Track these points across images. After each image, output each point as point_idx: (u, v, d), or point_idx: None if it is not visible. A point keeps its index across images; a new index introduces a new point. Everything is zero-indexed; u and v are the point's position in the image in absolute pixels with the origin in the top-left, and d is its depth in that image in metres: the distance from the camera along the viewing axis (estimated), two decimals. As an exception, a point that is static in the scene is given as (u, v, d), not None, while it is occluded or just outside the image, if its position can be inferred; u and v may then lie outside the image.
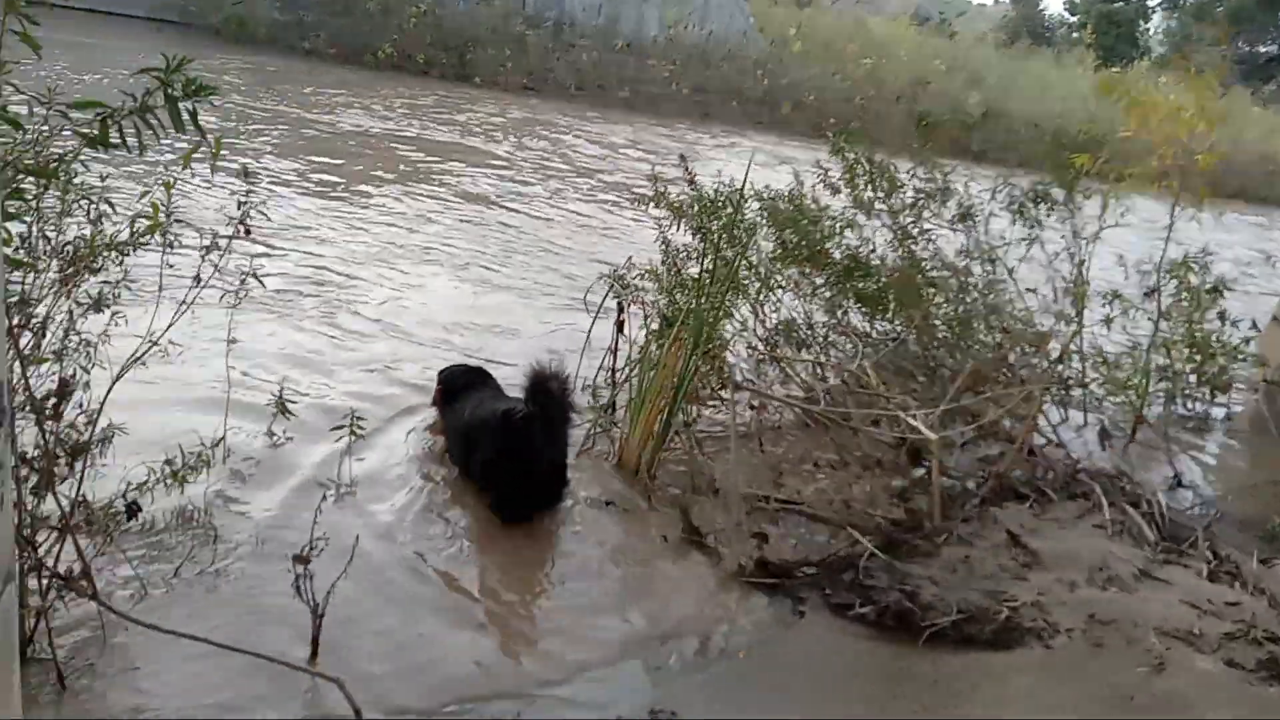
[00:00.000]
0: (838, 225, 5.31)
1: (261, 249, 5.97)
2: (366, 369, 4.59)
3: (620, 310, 4.68)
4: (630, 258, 4.96)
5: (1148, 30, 38.49)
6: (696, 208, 4.96)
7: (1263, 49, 36.47)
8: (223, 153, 2.58)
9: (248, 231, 3.02)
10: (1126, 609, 2.86)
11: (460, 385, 4.02)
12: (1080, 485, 3.89)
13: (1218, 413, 5.73)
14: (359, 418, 3.59)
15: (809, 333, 5.11)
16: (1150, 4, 38.47)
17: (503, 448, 3.52)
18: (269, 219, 3.36)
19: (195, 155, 2.53)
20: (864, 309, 5.30)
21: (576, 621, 3.04)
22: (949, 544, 3.42)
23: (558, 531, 3.55)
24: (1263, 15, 34.49)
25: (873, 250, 5.30)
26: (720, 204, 4.95)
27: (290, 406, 3.69)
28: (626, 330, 4.66)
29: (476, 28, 17.86)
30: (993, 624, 2.87)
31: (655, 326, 4.45)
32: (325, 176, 8.47)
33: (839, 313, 5.32)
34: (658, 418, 3.96)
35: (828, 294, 5.29)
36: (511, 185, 9.55)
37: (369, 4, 16.96)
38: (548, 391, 3.50)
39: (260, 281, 3.77)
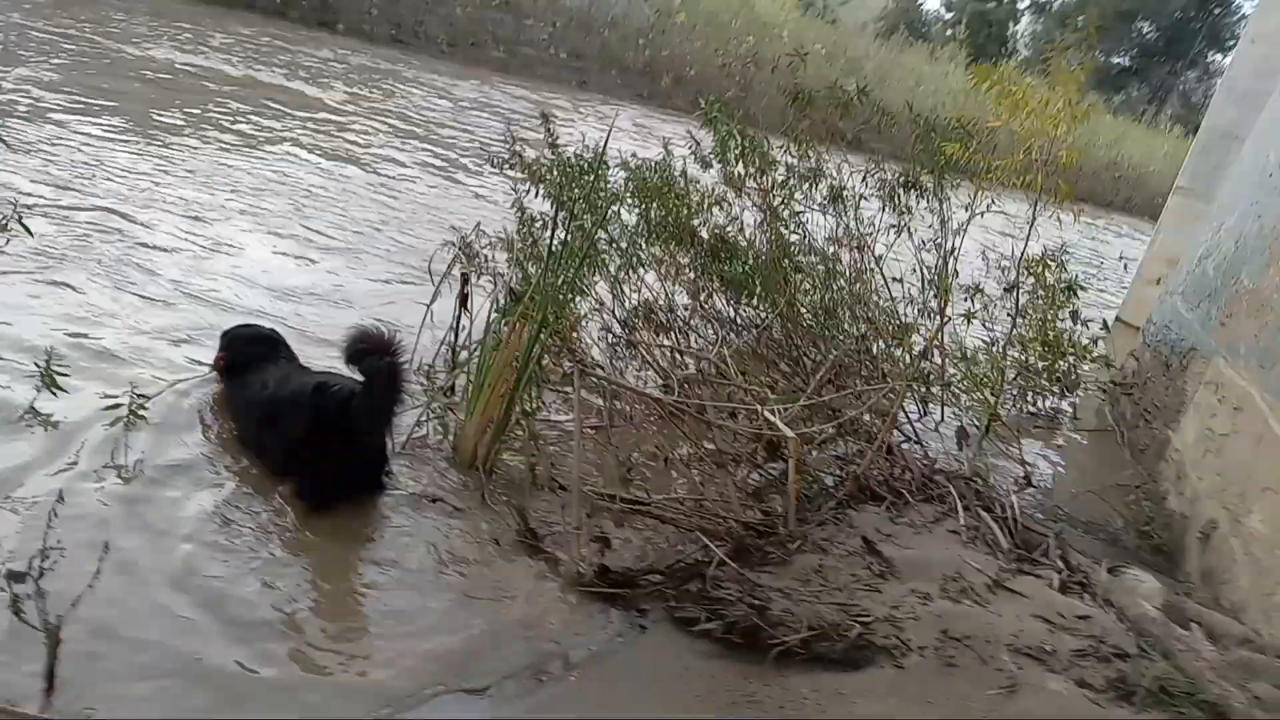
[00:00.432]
0: (706, 202, 5.06)
1: (33, 191, 5.24)
2: (160, 338, 3.99)
3: (465, 282, 4.26)
4: (479, 224, 4.55)
5: (1016, 32, 40.30)
6: (555, 172, 4.59)
7: (1115, 60, 38.81)
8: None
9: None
10: (980, 624, 2.71)
11: (251, 353, 3.55)
12: (937, 487, 3.76)
13: (1066, 409, 5.81)
14: (141, 395, 3.10)
15: (670, 316, 4.83)
16: (1020, 7, 40.28)
17: (314, 427, 3.09)
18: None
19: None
20: (729, 293, 5.08)
21: (388, 643, 2.65)
22: (803, 550, 3.20)
23: (373, 533, 3.13)
24: (1119, 27, 36.64)
25: (740, 231, 5.08)
26: (580, 169, 4.60)
27: (61, 381, 3.12)
28: (471, 305, 4.26)
29: (343, -32, 16.74)
30: (844, 641, 2.66)
31: (503, 301, 4.06)
32: (120, 114, 7.52)
33: (702, 296, 5.08)
34: (498, 404, 3.59)
35: (691, 275, 5.04)
36: (350, 140, 8.83)
37: (223, -67, 15.59)
38: (373, 362, 3.04)
39: (25, 228, 3.23)
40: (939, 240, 5.01)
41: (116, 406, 3.05)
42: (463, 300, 4.24)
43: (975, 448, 4.67)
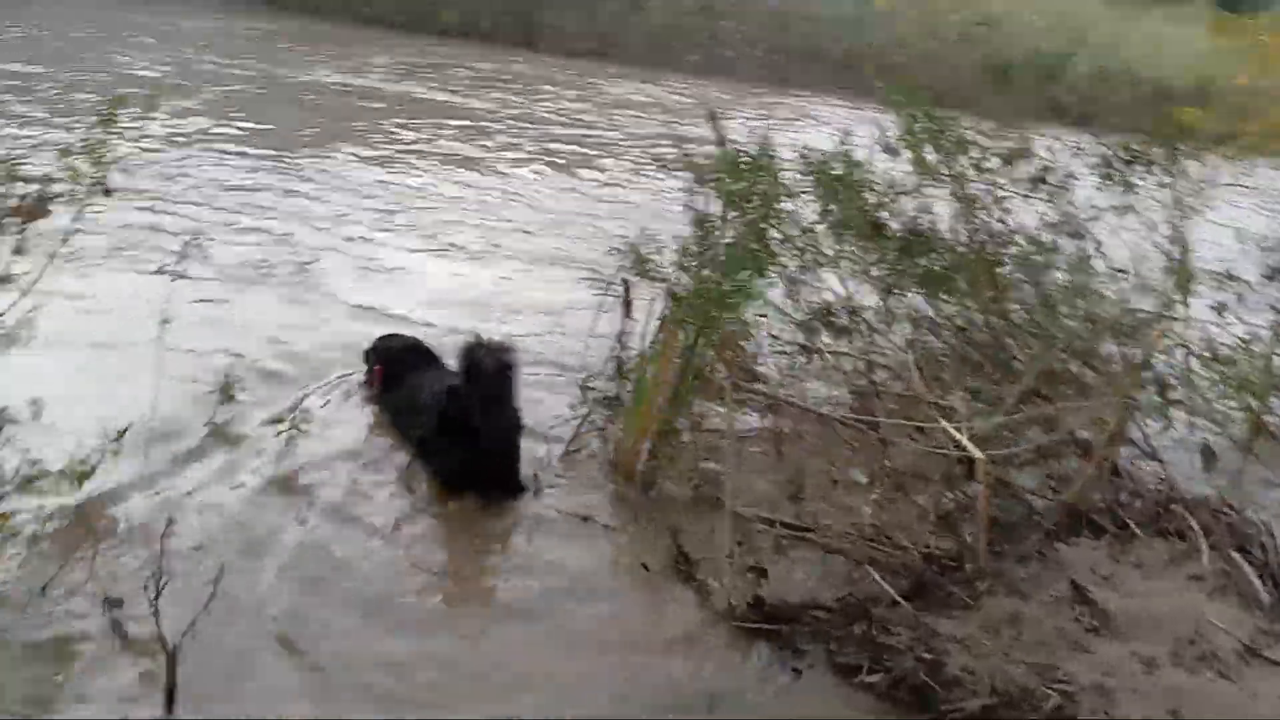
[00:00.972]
0: (893, 192, 4.59)
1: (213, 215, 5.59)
2: (332, 351, 4.08)
3: (627, 289, 4.06)
4: (644, 228, 4.34)
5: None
6: (722, 170, 4.30)
7: None
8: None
9: (107, 192, 2.53)
10: (1225, 704, 2.14)
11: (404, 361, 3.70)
12: (1174, 519, 3.12)
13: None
14: (303, 411, 3.14)
15: (853, 319, 4.39)
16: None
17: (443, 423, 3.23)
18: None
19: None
20: (925, 290, 4.56)
21: (510, 670, 2.47)
22: (995, 593, 2.72)
23: (517, 553, 2.99)
24: None
25: (934, 221, 4.56)
26: (748, 164, 4.29)
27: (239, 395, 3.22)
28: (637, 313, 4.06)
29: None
30: (1037, 713, 2.18)
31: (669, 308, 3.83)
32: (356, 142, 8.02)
33: (893, 295, 4.60)
34: (657, 415, 3.36)
35: (882, 272, 4.57)
36: (542, 151, 8.94)
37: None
38: (474, 354, 3.20)
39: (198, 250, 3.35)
40: (1174, 221, 4.24)
41: (279, 421, 3.13)
42: (626, 307, 4.06)
43: (1232, 472, 3.90)
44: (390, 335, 3.95)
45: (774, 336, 4.21)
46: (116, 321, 3.93)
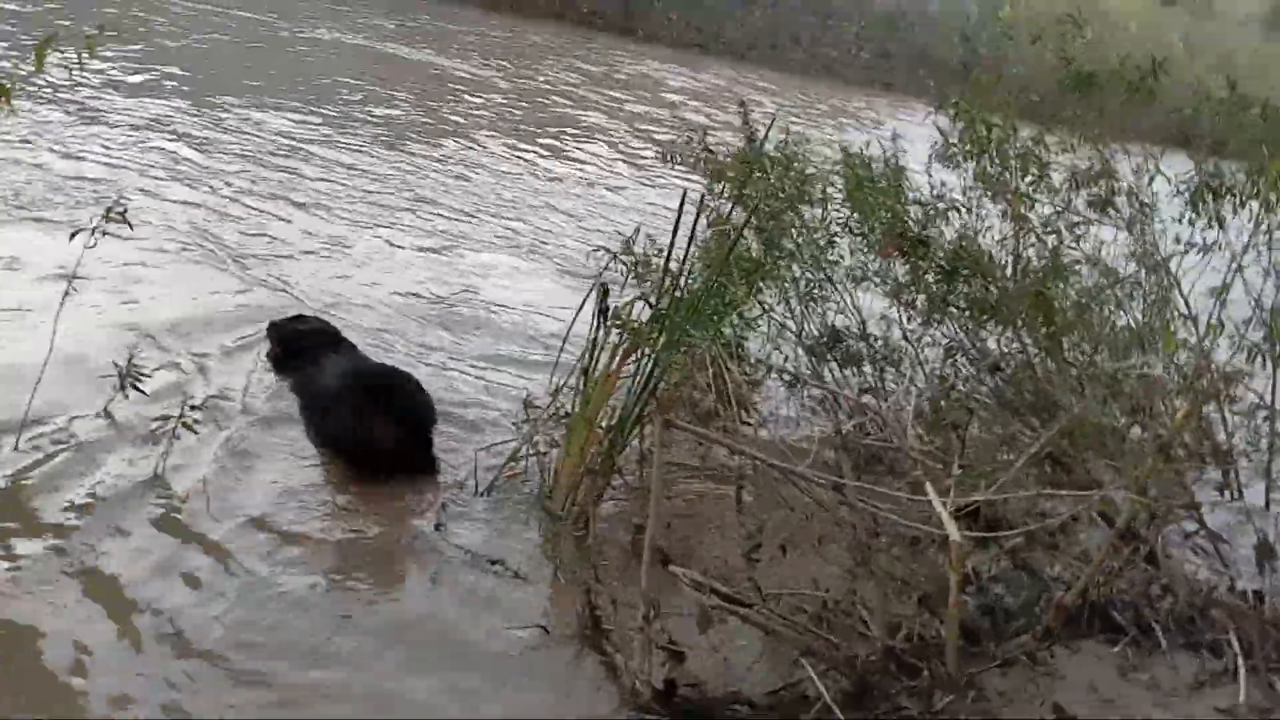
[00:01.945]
0: (940, 205, 4.00)
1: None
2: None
3: (604, 294, 3.62)
4: (639, 227, 3.89)
5: None
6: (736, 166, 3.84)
7: None
8: None
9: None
10: None
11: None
12: (1211, 627, 2.50)
13: None
14: (193, 406, 2.82)
15: (870, 346, 3.83)
16: None
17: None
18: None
19: None
20: (971, 316, 3.97)
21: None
22: (956, 709, 2.17)
23: (404, 596, 2.58)
24: None
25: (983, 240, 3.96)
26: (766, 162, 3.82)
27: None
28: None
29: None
30: None
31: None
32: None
33: (933, 321, 4.01)
34: (597, 444, 2.91)
35: (920, 294, 3.99)
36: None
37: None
38: None
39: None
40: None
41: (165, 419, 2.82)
42: (602, 315, 3.61)
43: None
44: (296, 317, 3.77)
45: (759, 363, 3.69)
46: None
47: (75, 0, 9.16)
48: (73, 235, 3.07)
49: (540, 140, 8.07)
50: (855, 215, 3.94)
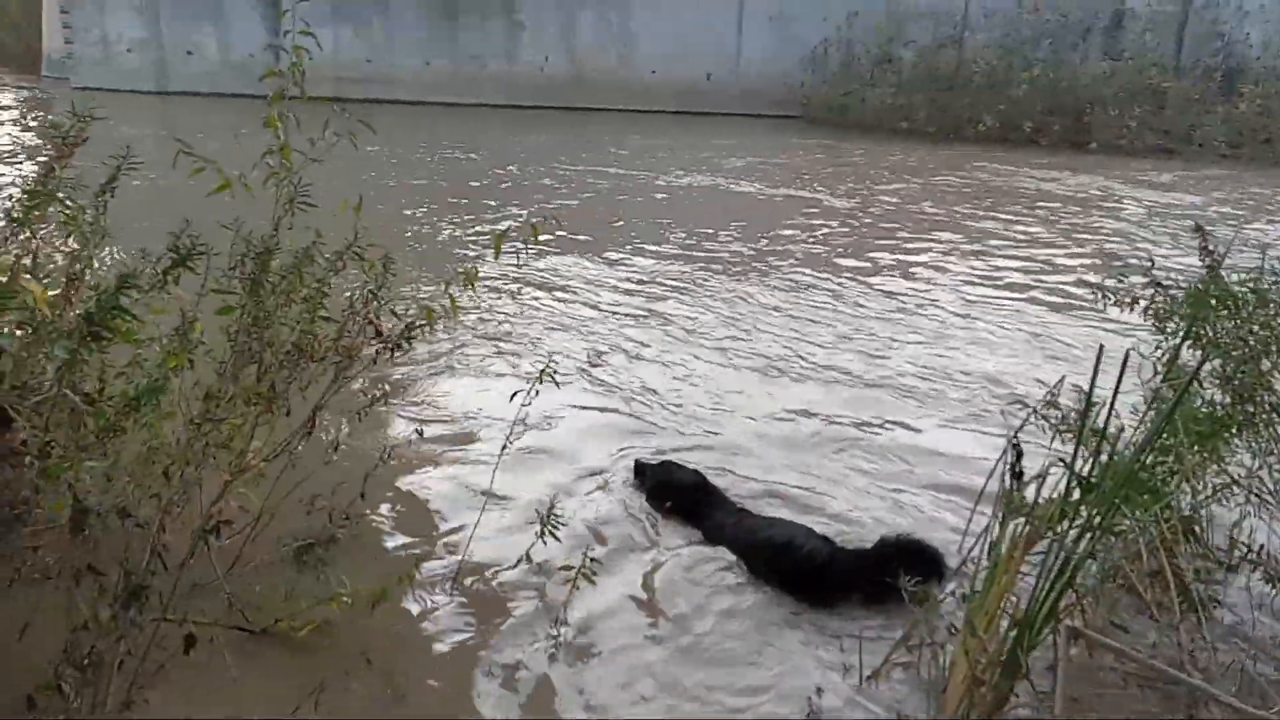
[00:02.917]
0: None
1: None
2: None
3: (1018, 455, 3.15)
4: (1064, 377, 3.38)
5: None
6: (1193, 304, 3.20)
7: None
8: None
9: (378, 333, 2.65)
10: None
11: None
12: None
13: None
14: (593, 561, 2.96)
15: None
16: None
17: None
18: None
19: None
20: None
21: None
22: None
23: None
24: None
25: None
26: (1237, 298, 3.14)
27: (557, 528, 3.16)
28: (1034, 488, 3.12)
29: (1100, 87, 15.63)
30: None
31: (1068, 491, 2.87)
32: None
33: None
34: (997, 646, 2.48)
35: None
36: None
37: (974, 79, 16.06)
38: None
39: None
40: None
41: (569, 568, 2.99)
42: (1014, 477, 3.15)
43: None
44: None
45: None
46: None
47: (468, 172, 11.00)
48: (513, 396, 3.50)
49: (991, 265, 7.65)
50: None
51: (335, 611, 2.66)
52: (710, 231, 8.78)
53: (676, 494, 3.67)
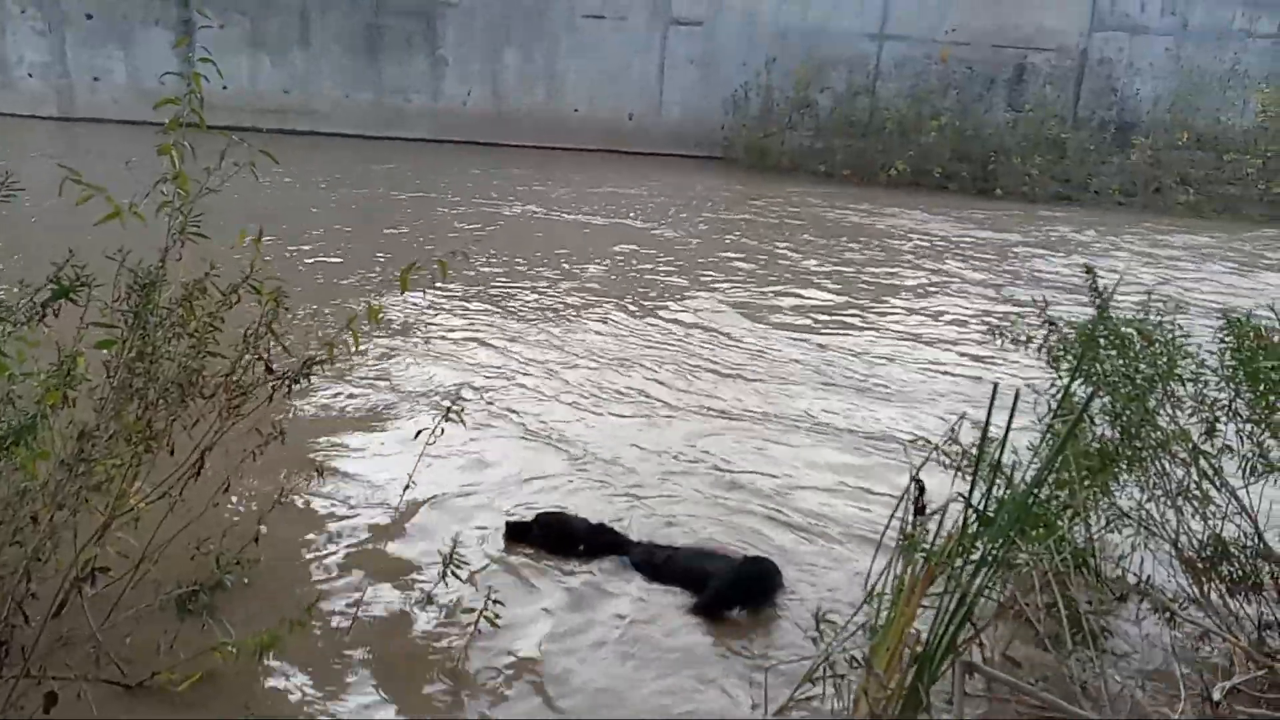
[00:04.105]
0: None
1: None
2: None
3: (920, 491, 3.21)
4: (963, 415, 3.46)
5: None
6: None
7: None
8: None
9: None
10: None
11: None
12: None
13: None
14: (496, 603, 2.89)
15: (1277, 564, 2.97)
16: None
17: None
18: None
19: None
20: None
21: None
22: None
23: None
24: None
25: None
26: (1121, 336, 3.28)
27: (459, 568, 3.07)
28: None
29: (1004, 136, 16.34)
30: None
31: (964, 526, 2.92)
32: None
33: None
34: (896, 677, 2.49)
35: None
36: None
37: (887, 125, 16.61)
38: None
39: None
40: None
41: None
42: (918, 512, 3.21)
43: None
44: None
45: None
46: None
47: (381, 205, 10.91)
48: (416, 434, 3.44)
49: (854, 308, 7.84)
50: (1246, 394, 3.21)
51: (219, 662, 2.53)
52: (606, 264, 8.81)
53: (575, 539, 3.61)
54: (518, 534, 3.62)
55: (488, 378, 5.45)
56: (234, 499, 3.19)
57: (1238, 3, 17.60)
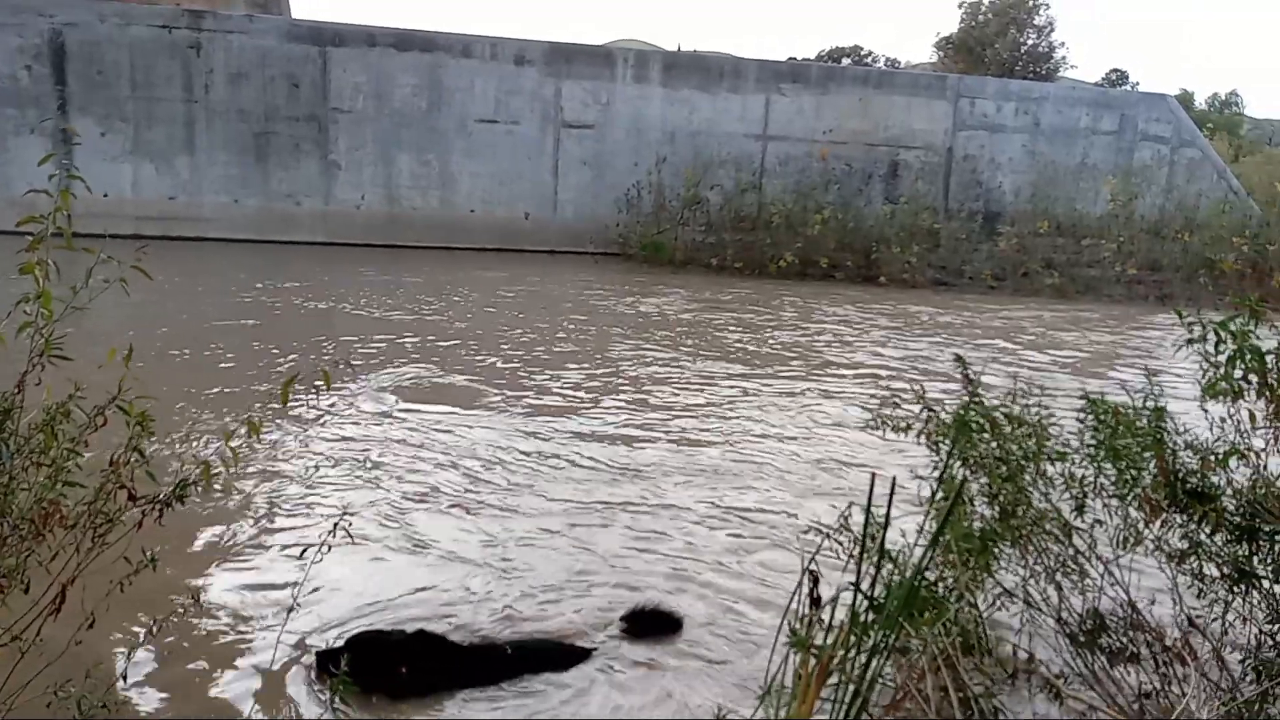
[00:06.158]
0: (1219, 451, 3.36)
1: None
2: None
3: (815, 582, 3.26)
4: (851, 503, 3.55)
5: None
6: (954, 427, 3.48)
7: None
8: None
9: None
10: None
11: None
12: None
13: None
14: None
15: (1149, 632, 3.11)
16: None
17: None
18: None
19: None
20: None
21: None
22: None
23: None
24: None
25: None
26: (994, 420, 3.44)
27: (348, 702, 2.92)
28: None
29: (884, 227, 17.25)
30: None
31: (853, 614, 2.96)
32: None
33: (1233, 594, 3.24)
34: (799, 778, 2.47)
35: (1205, 562, 3.27)
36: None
37: (774, 219, 17.32)
38: None
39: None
40: None
41: None
42: (813, 603, 3.24)
43: None
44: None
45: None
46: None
47: (265, 312, 10.75)
48: (302, 552, 3.31)
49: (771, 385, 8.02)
50: (1110, 469, 3.40)
51: (77, 820, 2.33)
52: (511, 367, 8.81)
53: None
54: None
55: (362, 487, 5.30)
56: (100, 635, 2.97)
57: (1083, 104, 19.31)
